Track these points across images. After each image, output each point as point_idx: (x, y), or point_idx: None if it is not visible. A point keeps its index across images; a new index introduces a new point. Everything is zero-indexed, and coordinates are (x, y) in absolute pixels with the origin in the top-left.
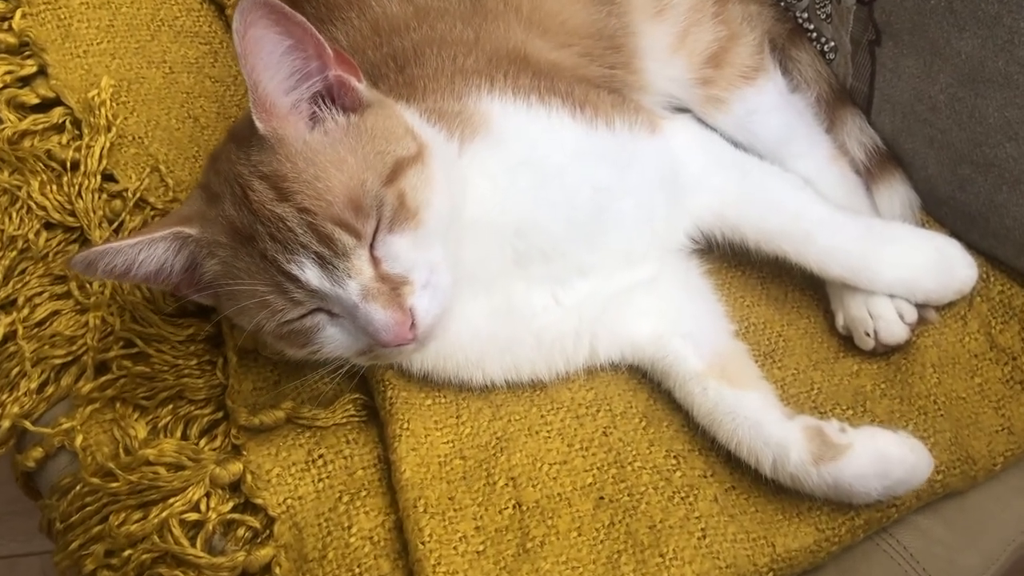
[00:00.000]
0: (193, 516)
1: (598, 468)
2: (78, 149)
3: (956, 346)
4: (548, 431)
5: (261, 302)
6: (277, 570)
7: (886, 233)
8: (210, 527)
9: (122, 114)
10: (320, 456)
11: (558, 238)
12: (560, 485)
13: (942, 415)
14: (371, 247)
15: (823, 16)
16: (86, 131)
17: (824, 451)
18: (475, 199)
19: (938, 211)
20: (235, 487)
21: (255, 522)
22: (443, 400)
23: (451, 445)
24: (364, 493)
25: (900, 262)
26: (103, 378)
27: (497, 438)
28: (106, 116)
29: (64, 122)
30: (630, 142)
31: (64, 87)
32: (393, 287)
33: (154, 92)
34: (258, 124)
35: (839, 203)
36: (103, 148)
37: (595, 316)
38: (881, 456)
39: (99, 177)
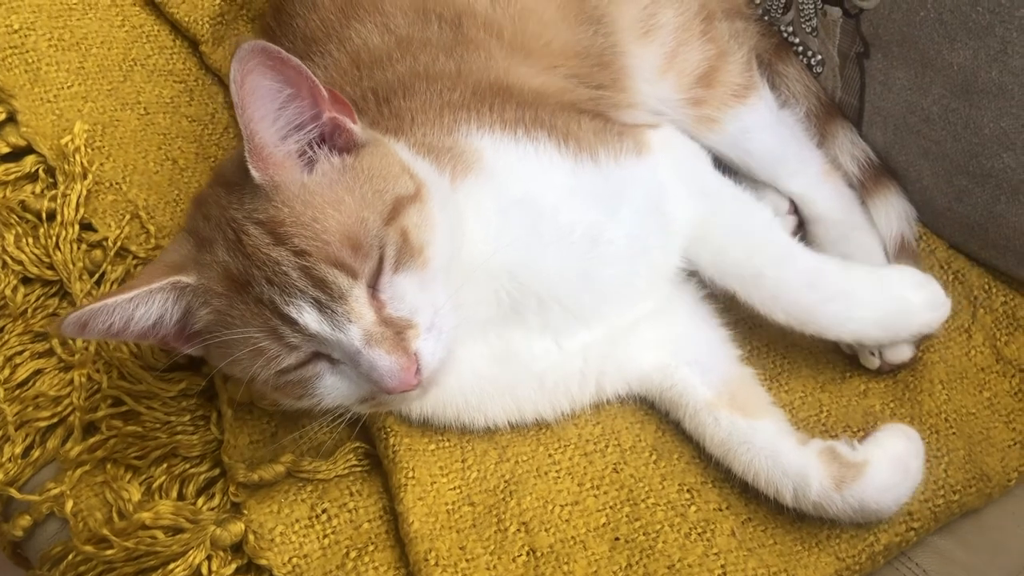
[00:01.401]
0: None
1: (611, 507)
2: (53, 199)
3: (963, 360)
4: (557, 471)
5: (256, 350)
6: None
7: (836, 287)
8: None
9: (98, 160)
10: (324, 511)
11: (552, 283)
12: (573, 527)
13: (954, 433)
14: (376, 288)
15: (808, 29)
16: (61, 179)
17: (844, 473)
18: (469, 241)
19: (936, 223)
20: (237, 548)
21: None
22: (447, 444)
23: (458, 491)
24: (372, 547)
25: (843, 319)
26: (92, 439)
27: (505, 481)
28: (81, 163)
29: (37, 171)
30: (616, 172)
31: (35, 134)
32: (397, 331)
33: (130, 135)
34: (254, 173)
35: (837, 219)
36: (80, 196)
37: (601, 356)
38: (897, 458)
39: (77, 227)
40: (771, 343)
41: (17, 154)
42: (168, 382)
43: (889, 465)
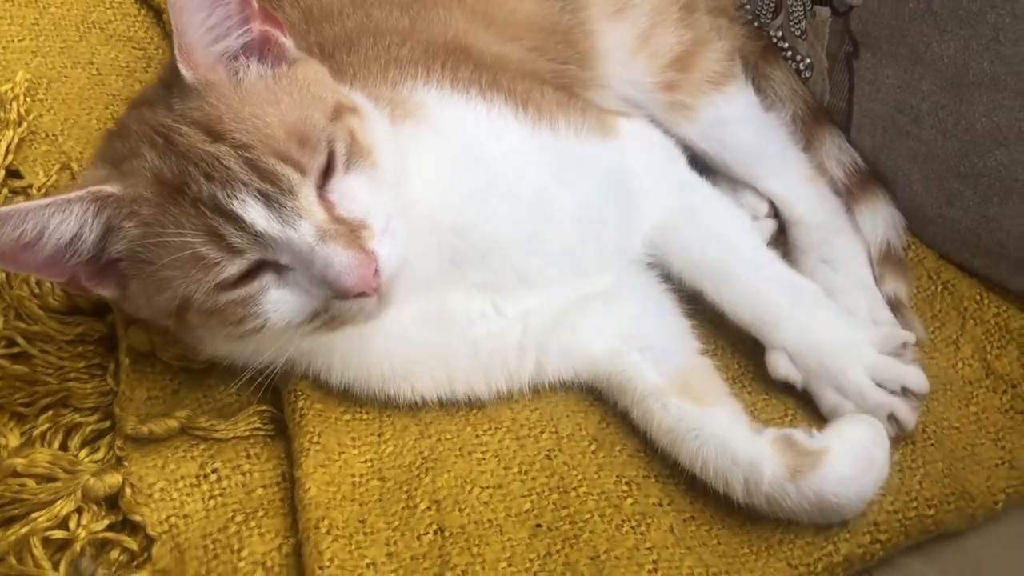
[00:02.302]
0: (60, 534)
1: (538, 493)
2: None
3: (948, 372)
4: (483, 452)
5: (193, 259)
6: None
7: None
8: (77, 547)
9: (37, 110)
10: (214, 470)
11: (496, 239)
12: (492, 511)
13: (933, 444)
14: (325, 188)
15: (797, 33)
16: None
17: (800, 462)
18: (409, 188)
19: (926, 231)
20: (114, 503)
21: (131, 543)
22: (365, 416)
23: (369, 464)
24: (261, 513)
25: (798, 332)
26: None
27: (423, 458)
28: (17, 110)
29: None
30: (575, 144)
31: None
32: (351, 229)
33: (76, 92)
34: (185, 72)
35: (819, 223)
36: (10, 143)
37: (544, 330)
38: (860, 448)
39: (2, 172)
40: (737, 343)
41: None
42: (67, 325)
43: (851, 454)
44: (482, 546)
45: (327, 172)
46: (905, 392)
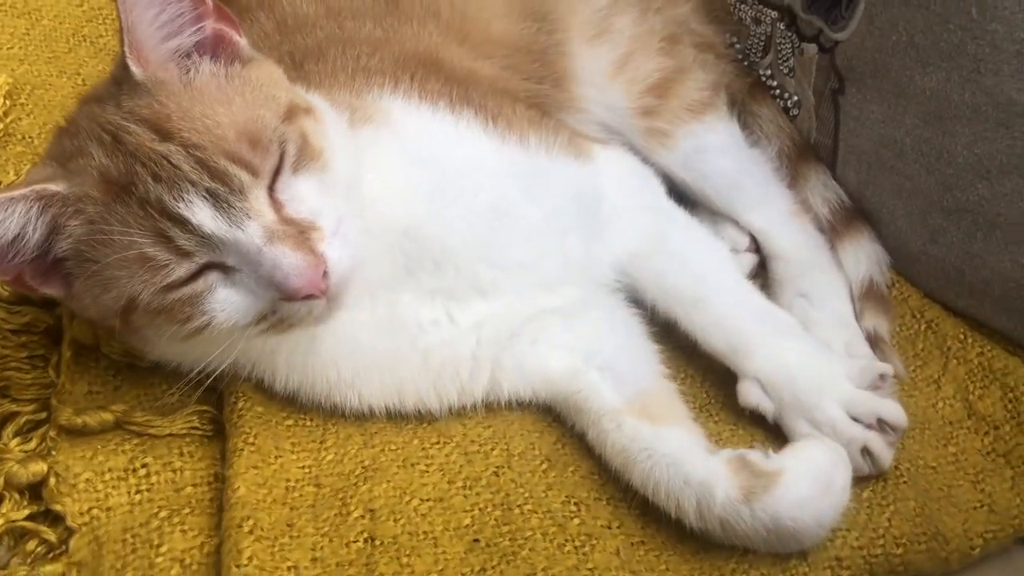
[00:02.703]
0: None
1: (480, 509)
2: None
3: (928, 411)
4: (427, 464)
5: (139, 260)
6: None
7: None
8: None
9: (16, 114)
10: (144, 466)
11: (451, 245)
12: (428, 523)
13: (905, 482)
14: (272, 189)
15: (786, 71)
16: None
17: (754, 483)
18: (366, 190)
19: (910, 269)
20: (38, 493)
21: (50, 534)
22: (308, 423)
23: (306, 471)
24: (187, 511)
25: (771, 361)
26: None
27: (364, 467)
28: None
29: None
30: (545, 160)
31: None
32: (300, 231)
33: (59, 100)
34: (134, 70)
35: (800, 258)
36: None
37: (499, 342)
38: (818, 469)
39: None
40: (707, 372)
41: None
42: (13, 314)
43: (808, 476)
44: (413, 557)
45: (277, 171)
46: (882, 426)
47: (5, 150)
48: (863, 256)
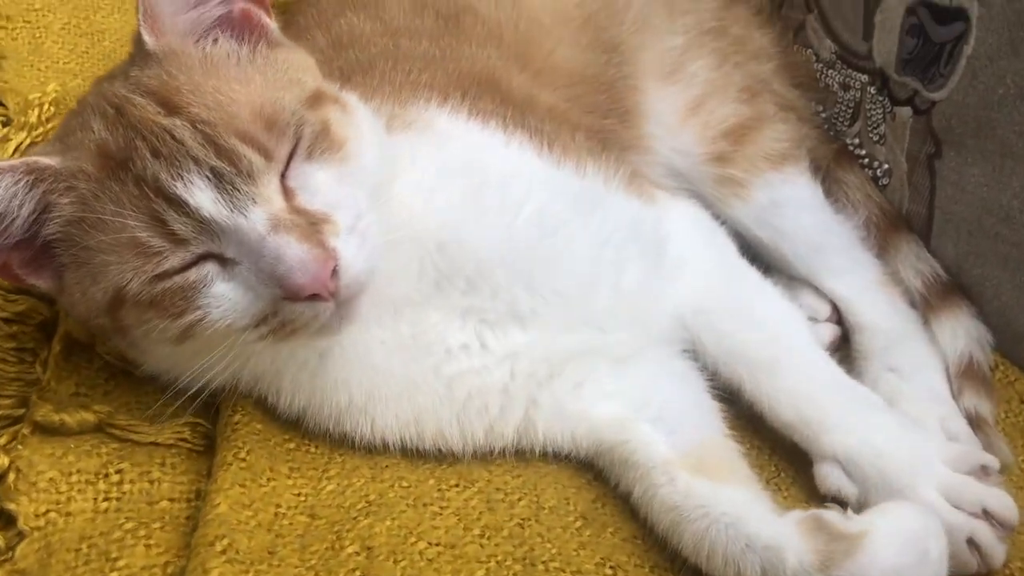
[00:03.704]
0: None
1: (498, 561)
2: None
3: None
4: (442, 507)
5: (130, 245)
6: None
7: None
8: None
9: (57, 121)
10: (119, 472)
11: (487, 262)
12: (434, 569)
13: None
14: (284, 176)
15: (875, 138)
16: (12, 129)
17: (833, 547)
18: (398, 194)
19: (1017, 350)
20: None
21: None
22: (312, 450)
23: (301, 499)
24: (157, 526)
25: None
26: None
27: (368, 501)
28: (39, 115)
29: None
30: (602, 190)
31: (9, 89)
32: (311, 223)
33: None
34: (146, 39)
35: (888, 329)
36: (20, 144)
37: (535, 378)
38: (909, 532)
39: None
40: (776, 442)
41: None
42: (8, 301)
43: (897, 539)
44: None
45: (291, 158)
46: (988, 518)
47: None
48: (961, 331)
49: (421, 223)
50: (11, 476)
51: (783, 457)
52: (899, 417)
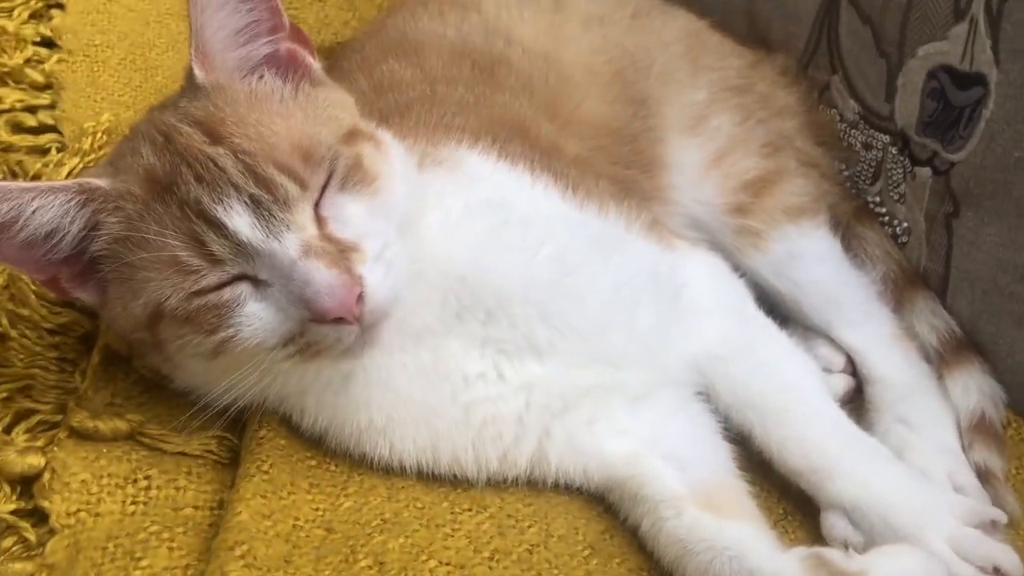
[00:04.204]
0: None
1: None
2: (47, 164)
3: None
4: (454, 528)
5: (170, 263)
6: None
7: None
8: None
9: (108, 149)
10: (147, 478)
11: (506, 295)
12: None
13: None
14: (317, 205)
15: (896, 197)
16: (66, 155)
17: None
18: (424, 227)
19: None
20: (30, 491)
21: (31, 533)
22: (333, 468)
23: (320, 514)
24: (180, 530)
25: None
26: None
27: (383, 519)
28: (92, 143)
29: (51, 148)
30: (624, 235)
31: (65, 118)
32: (340, 250)
33: None
34: (197, 73)
35: (900, 382)
36: (73, 169)
37: (550, 409)
38: (911, 574)
39: None
40: (785, 486)
41: (42, 131)
42: (52, 313)
43: None
44: None
45: (324, 189)
46: (996, 573)
47: None
48: (974, 387)
49: (445, 256)
50: (46, 476)
51: (791, 501)
52: (909, 469)
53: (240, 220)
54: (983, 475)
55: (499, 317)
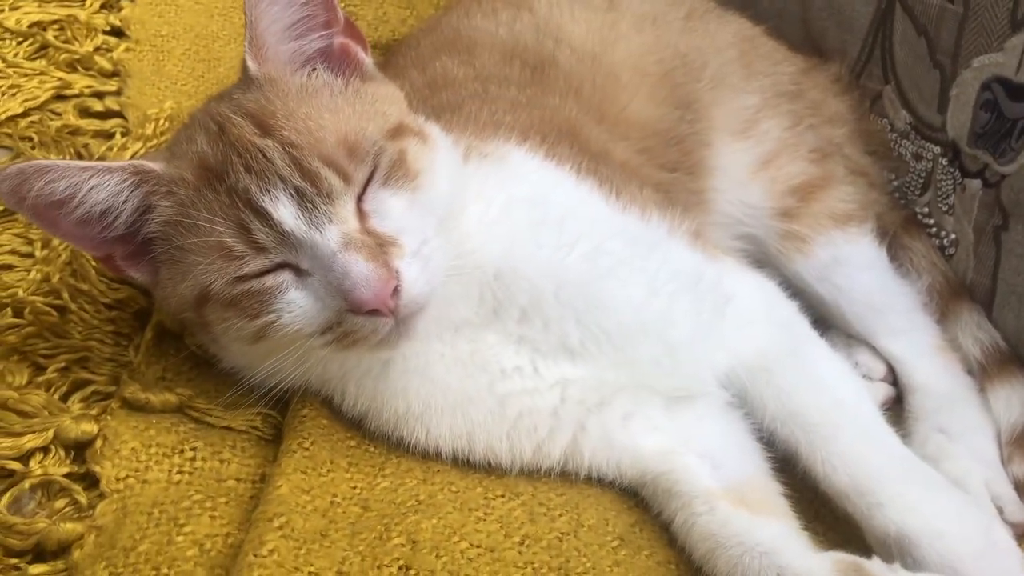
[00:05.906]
0: (14, 465)
1: (534, 568)
2: (111, 148)
3: None
4: (486, 513)
5: (217, 248)
6: (76, 552)
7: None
8: (27, 484)
9: (171, 135)
10: (193, 449)
11: (540, 295)
12: (473, 568)
13: None
14: (360, 199)
15: (944, 208)
16: (130, 139)
17: None
18: (465, 221)
19: None
20: (83, 456)
21: (82, 496)
22: (371, 450)
23: (357, 491)
24: (223, 500)
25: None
26: (7, 321)
27: (418, 500)
28: (154, 129)
29: (116, 133)
30: (665, 239)
31: (130, 104)
32: (379, 243)
33: None
34: (250, 64)
35: (941, 392)
36: (136, 153)
37: (585, 405)
38: None
39: None
40: (820, 495)
41: (109, 116)
42: (110, 288)
43: None
44: None
45: (367, 184)
46: None
47: None
48: (1016, 401)
49: (482, 251)
50: (98, 443)
51: (823, 504)
52: (962, 495)
53: (285, 211)
54: (1021, 488)
55: (532, 316)
